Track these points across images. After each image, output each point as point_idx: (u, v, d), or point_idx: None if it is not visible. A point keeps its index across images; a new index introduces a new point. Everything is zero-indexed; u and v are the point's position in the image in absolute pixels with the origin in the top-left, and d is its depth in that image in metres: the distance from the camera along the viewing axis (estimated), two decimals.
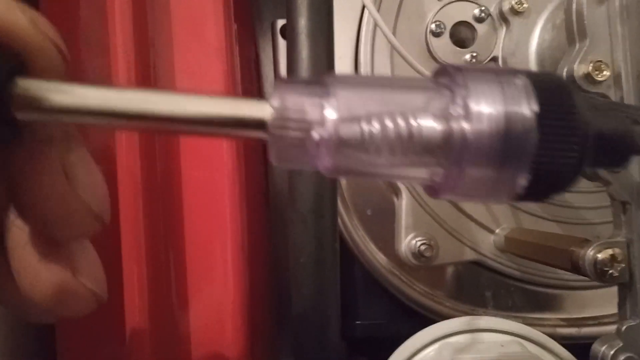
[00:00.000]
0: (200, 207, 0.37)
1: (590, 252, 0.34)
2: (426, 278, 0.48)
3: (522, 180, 0.19)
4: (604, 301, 0.50)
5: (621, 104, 0.34)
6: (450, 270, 0.50)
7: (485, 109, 0.18)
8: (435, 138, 0.18)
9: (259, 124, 0.18)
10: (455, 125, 0.18)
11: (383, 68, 0.47)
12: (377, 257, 0.48)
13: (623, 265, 0.34)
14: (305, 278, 0.33)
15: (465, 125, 0.18)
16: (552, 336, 0.50)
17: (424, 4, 0.48)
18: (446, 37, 0.48)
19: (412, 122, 0.18)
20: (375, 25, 0.46)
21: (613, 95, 0.35)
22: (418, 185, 0.45)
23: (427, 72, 0.46)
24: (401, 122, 0.18)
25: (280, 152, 0.18)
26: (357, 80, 0.21)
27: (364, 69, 0.47)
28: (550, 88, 0.19)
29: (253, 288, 0.40)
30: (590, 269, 0.34)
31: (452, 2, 0.48)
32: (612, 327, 0.35)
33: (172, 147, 0.37)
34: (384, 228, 0.48)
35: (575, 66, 0.36)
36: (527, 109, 0.18)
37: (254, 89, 0.52)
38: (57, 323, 0.38)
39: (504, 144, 0.18)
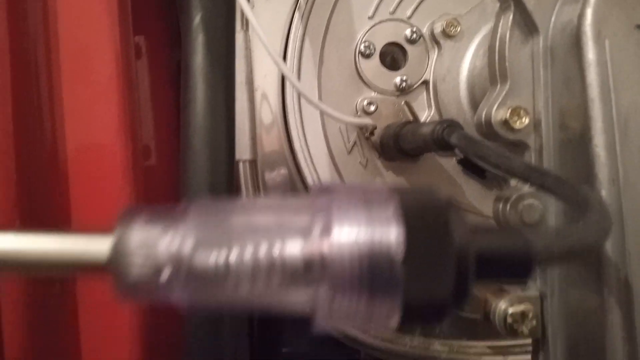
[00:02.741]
0: None
1: (501, 306, 0.33)
2: None
3: (394, 314, 0.17)
4: None
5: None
6: None
7: (346, 235, 0.16)
8: (297, 264, 0.17)
9: (96, 266, 0.16)
10: (315, 251, 0.17)
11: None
12: None
13: (534, 323, 0.33)
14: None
15: (326, 251, 0.17)
16: None
17: (354, 23, 0.46)
18: (376, 58, 0.46)
19: (274, 249, 0.16)
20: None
21: (533, 143, 0.34)
22: None
23: (367, 121, 0.44)
24: (262, 250, 0.16)
25: (126, 289, 0.16)
26: (216, 207, 0.18)
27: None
28: (421, 214, 0.17)
29: None
30: (500, 324, 0.33)
31: (383, 21, 0.46)
32: None
33: None
34: None
35: (493, 111, 0.34)
36: (393, 238, 0.16)
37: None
38: None
39: (370, 274, 0.16)
